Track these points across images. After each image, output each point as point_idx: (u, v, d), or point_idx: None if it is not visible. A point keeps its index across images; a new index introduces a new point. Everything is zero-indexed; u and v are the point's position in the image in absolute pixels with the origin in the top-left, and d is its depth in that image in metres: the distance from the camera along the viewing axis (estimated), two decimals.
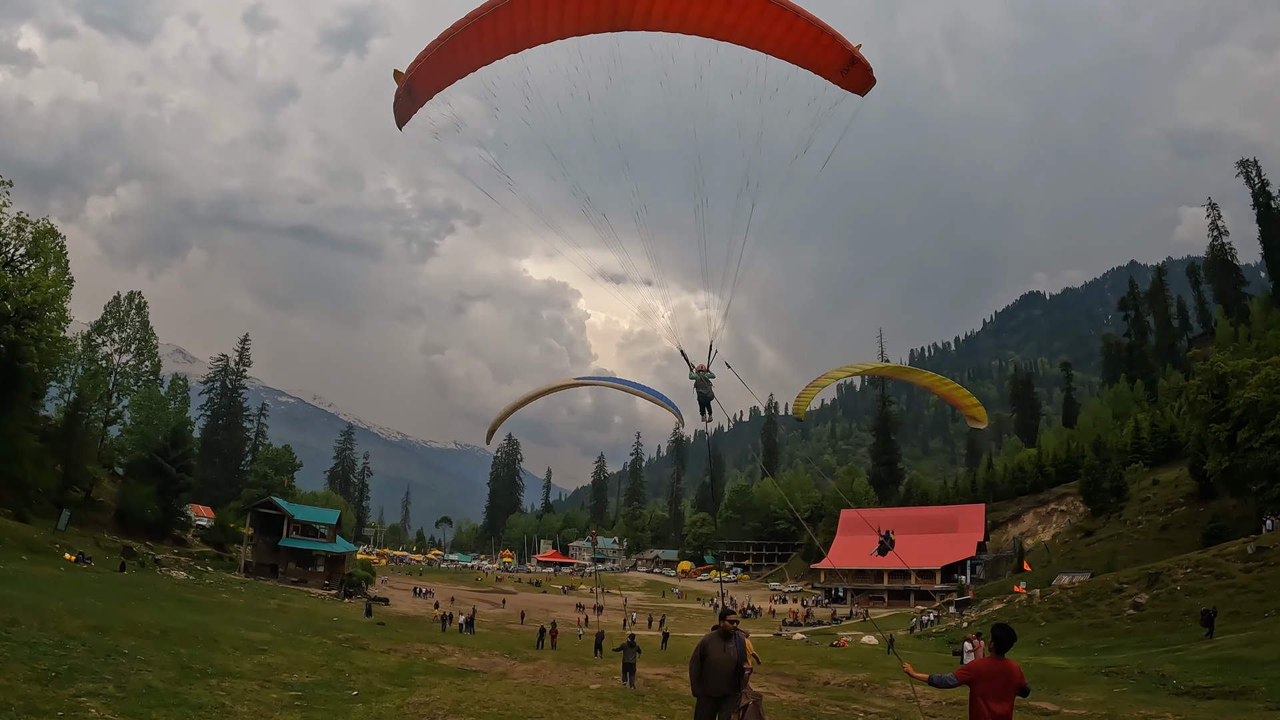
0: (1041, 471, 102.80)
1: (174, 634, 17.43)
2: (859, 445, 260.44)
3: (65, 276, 64.65)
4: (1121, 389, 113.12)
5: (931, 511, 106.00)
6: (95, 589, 28.58)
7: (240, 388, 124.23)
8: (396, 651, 25.15)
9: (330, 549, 76.49)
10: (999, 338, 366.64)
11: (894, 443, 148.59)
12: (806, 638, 61.05)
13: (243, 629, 22.14)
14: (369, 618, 48.63)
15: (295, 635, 24.13)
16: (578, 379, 29.56)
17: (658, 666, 29.16)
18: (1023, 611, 53.64)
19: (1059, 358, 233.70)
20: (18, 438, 52.20)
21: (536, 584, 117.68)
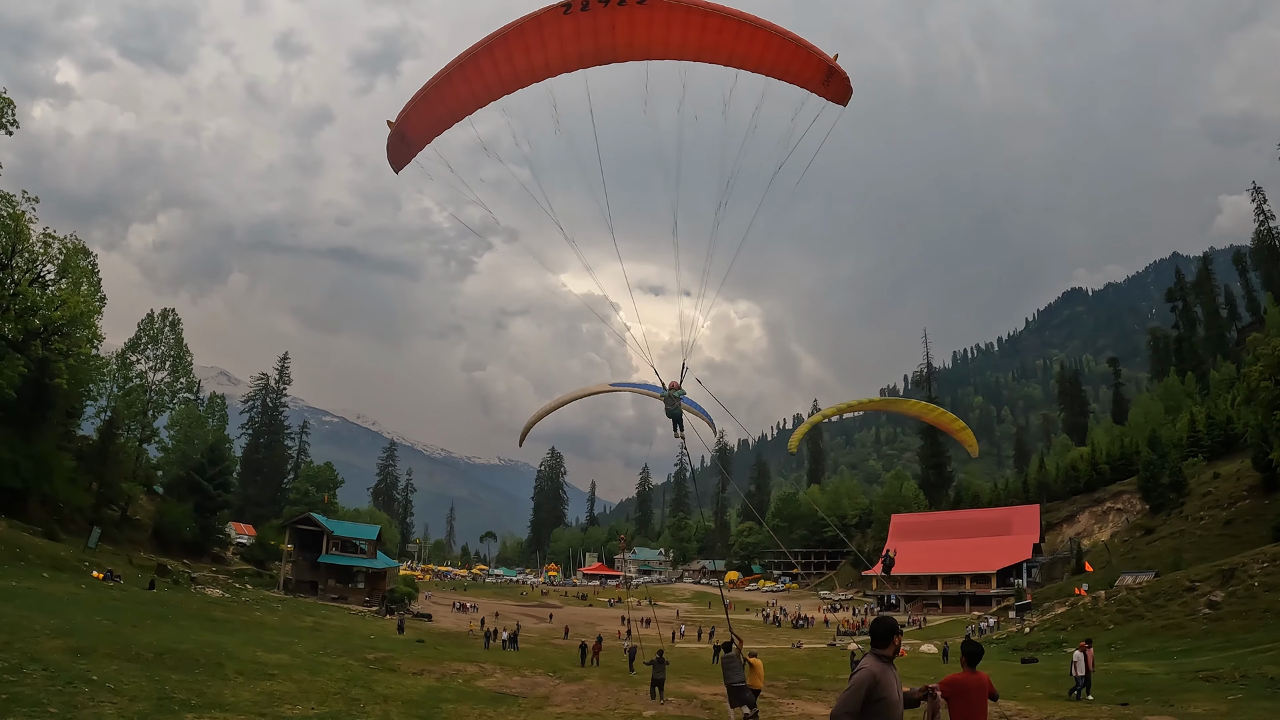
0: (1095, 469, 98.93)
1: (174, 657, 15.53)
2: (904, 449, 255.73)
3: (97, 295, 64.18)
4: (1172, 383, 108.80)
5: (984, 514, 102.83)
6: (111, 608, 26.94)
7: (281, 406, 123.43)
8: (430, 673, 23.12)
9: (370, 565, 74.94)
10: (1042, 336, 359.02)
11: (942, 445, 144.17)
12: (861, 647, 58.40)
13: (260, 650, 20.21)
14: (402, 634, 46.62)
15: (318, 657, 22.14)
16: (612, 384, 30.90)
17: (715, 684, 26.77)
18: (1088, 614, 50.52)
19: (1104, 354, 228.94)
20: (49, 456, 51.26)
21: (582, 597, 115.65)
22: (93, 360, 58.24)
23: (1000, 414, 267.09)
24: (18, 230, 48.69)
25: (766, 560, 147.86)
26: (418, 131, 13.67)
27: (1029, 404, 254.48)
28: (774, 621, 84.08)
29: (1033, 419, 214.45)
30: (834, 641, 64.66)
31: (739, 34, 12.41)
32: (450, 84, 12.95)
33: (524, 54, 12.72)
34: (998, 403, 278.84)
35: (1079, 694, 22.45)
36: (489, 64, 12.80)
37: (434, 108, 13.31)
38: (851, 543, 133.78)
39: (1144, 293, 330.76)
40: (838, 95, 13.05)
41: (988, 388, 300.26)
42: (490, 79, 13.01)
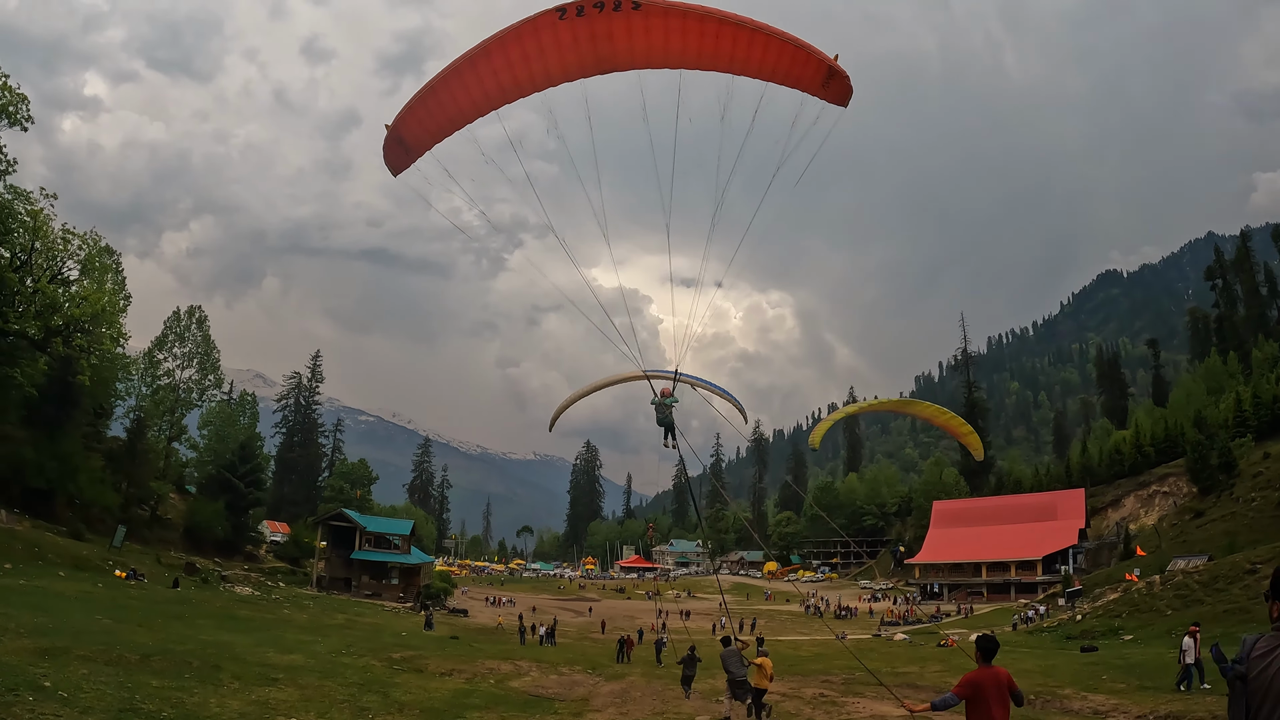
0: (1140, 452, 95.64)
1: (166, 659, 13.93)
2: (940, 437, 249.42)
3: (121, 293, 63.51)
4: (1213, 363, 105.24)
5: (1029, 499, 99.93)
6: (123, 606, 25.62)
7: (314, 404, 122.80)
8: (460, 673, 21.42)
9: (404, 560, 73.56)
10: (1078, 320, 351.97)
11: (982, 429, 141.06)
12: (909, 638, 56.68)
13: (273, 651, 18.58)
14: (430, 630, 45.26)
15: (338, 657, 20.48)
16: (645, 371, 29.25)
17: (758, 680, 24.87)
18: (1143, 600, 48.60)
19: (1140, 337, 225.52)
20: (75, 455, 50.47)
21: (620, 590, 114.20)
22: (119, 359, 57.38)
23: (1037, 399, 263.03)
24: (36, 227, 47.85)
25: (805, 550, 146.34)
26: (416, 138, 13.71)
27: (1066, 389, 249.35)
28: (815, 612, 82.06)
29: (1070, 404, 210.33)
30: (879, 632, 62.86)
31: (737, 39, 12.28)
32: (448, 90, 12.96)
33: (523, 62, 12.68)
34: (1034, 388, 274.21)
35: (1188, 684, 20.28)
36: (487, 72, 12.77)
37: (432, 114, 13.32)
38: (892, 530, 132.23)
39: (1180, 274, 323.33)
40: (838, 97, 12.83)
41: (1024, 373, 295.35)
42: (490, 86, 12.99)
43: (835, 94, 12.76)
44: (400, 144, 13.75)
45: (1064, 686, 21.55)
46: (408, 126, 13.47)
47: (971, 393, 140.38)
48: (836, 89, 12.67)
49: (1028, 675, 25.13)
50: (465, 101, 13.19)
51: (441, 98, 13.05)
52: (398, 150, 13.91)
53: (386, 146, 13.89)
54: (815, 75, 12.53)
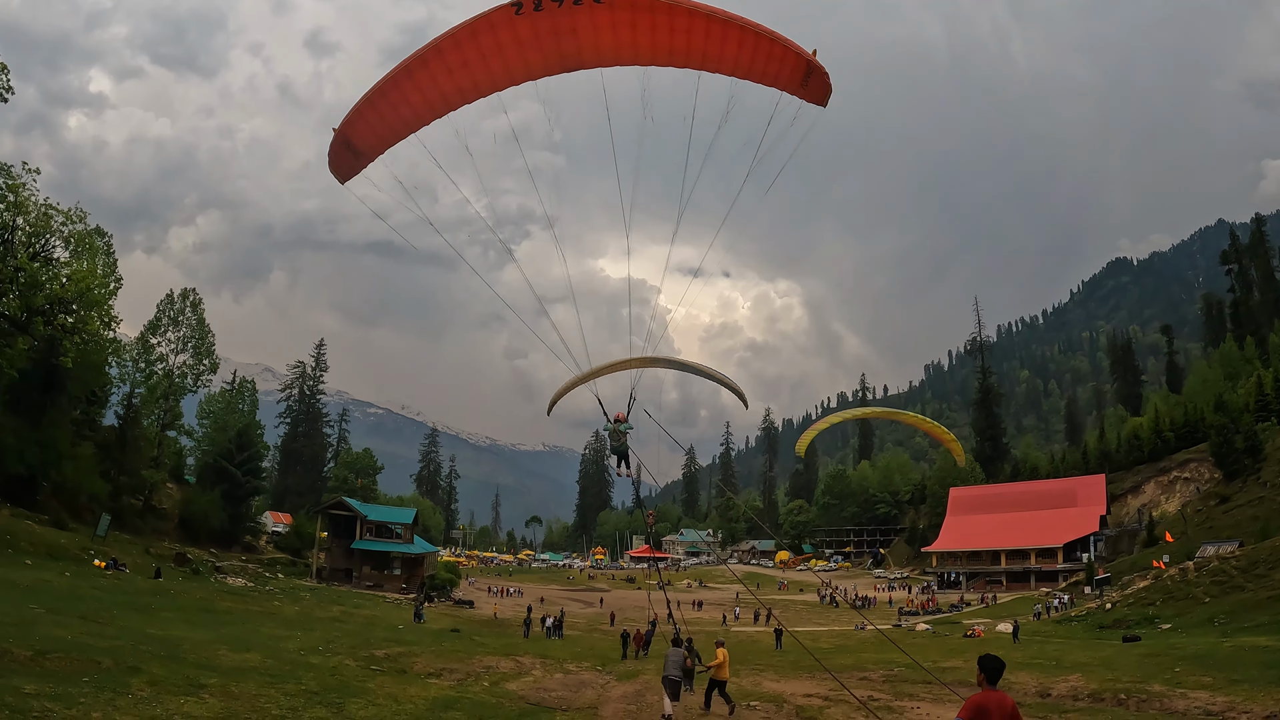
0: (1160, 438, 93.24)
1: (69, 657, 11.69)
2: (950, 425, 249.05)
3: (112, 275, 61.44)
4: (1229, 349, 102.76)
5: (1048, 485, 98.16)
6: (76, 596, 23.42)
7: (319, 393, 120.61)
8: (450, 673, 19.11)
9: (407, 550, 71.39)
10: (1088, 308, 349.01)
11: (997, 416, 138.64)
12: (931, 628, 55.25)
13: (227, 649, 16.19)
14: (419, 622, 43.03)
15: (308, 655, 18.10)
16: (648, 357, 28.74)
17: (792, 679, 22.32)
18: (1177, 587, 47.13)
19: (1151, 325, 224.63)
20: (58, 441, 48.04)
21: (630, 580, 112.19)
22: (109, 343, 55.17)
23: (1047, 388, 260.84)
24: (18, 203, 45.67)
25: (817, 539, 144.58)
26: (367, 142, 13.05)
27: (1076, 377, 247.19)
28: (831, 602, 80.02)
29: (1081, 392, 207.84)
30: (899, 622, 61.05)
31: (709, 32, 11.62)
32: (400, 92, 12.33)
33: (479, 60, 12.09)
34: (1044, 376, 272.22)
35: None
36: (441, 71, 12.14)
37: (384, 117, 12.69)
38: (906, 518, 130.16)
39: (1190, 261, 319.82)
40: (817, 96, 12.17)
41: (1034, 361, 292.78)
42: (445, 87, 12.40)
43: (815, 93, 12.10)
44: (348, 148, 13.10)
45: (1146, 682, 19.14)
46: (357, 130, 12.81)
47: (986, 377, 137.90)
48: (816, 87, 11.95)
49: (1087, 669, 22.77)
50: (419, 103, 12.57)
51: (393, 100, 12.41)
52: (345, 156, 13.27)
53: (333, 151, 13.21)
54: (793, 72, 11.86)
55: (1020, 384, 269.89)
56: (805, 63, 11.64)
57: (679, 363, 34.40)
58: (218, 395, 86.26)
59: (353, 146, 13.09)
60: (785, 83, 12.05)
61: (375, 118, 12.69)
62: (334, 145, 13.18)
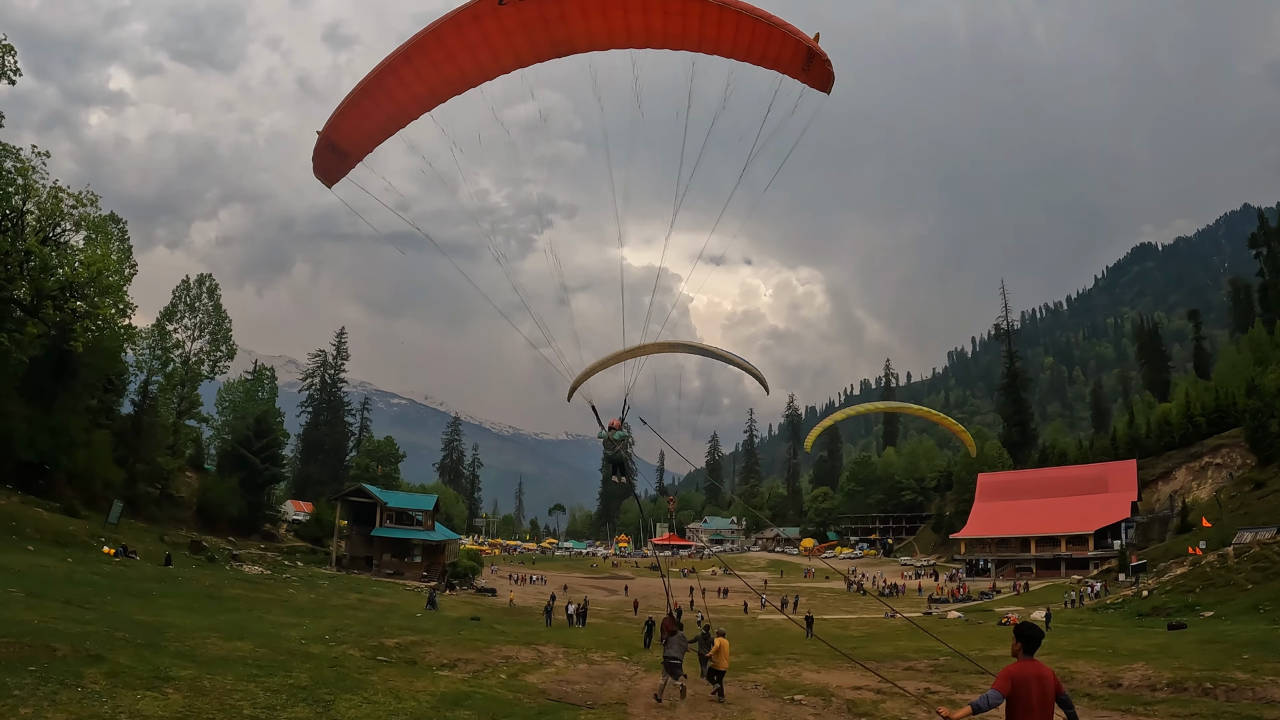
0: (1191, 422, 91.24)
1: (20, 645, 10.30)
2: (974, 413, 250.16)
3: (127, 263, 60.68)
4: (1258, 333, 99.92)
5: (1078, 471, 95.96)
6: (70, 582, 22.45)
7: (340, 382, 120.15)
8: (466, 664, 17.76)
9: (428, 537, 70.31)
10: (1112, 294, 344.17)
11: (1025, 401, 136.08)
12: (963, 615, 53.60)
13: (218, 636, 14.83)
14: (433, 609, 41.99)
15: (309, 645, 16.75)
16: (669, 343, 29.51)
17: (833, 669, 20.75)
18: (1216, 574, 45.96)
19: (1176, 311, 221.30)
20: (70, 428, 47.14)
21: (654, 568, 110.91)
22: (125, 330, 54.20)
23: (1072, 374, 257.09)
24: (26, 187, 44.65)
25: (842, 526, 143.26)
26: (354, 142, 12.85)
27: (1101, 364, 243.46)
28: (858, 590, 78.60)
29: (1106, 378, 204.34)
30: (930, 610, 60.07)
31: (705, 16, 11.33)
32: (384, 89, 12.17)
33: (466, 52, 11.89)
34: (1069, 363, 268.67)
35: None
36: (426, 65, 11.98)
37: (369, 115, 12.50)
38: (932, 505, 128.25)
39: (1215, 247, 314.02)
40: (820, 82, 11.68)
41: (1058, 347, 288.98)
42: (433, 80, 12.24)
43: (817, 78, 11.56)
44: (334, 150, 12.85)
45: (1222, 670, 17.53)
46: (342, 131, 12.58)
47: (1013, 362, 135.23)
48: (818, 73, 11.43)
49: (1149, 657, 21.19)
50: (406, 98, 12.35)
51: (377, 97, 12.21)
52: (331, 158, 13.01)
53: (318, 155, 12.93)
54: (793, 57, 11.40)
55: (1045, 371, 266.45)
56: (805, 49, 11.20)
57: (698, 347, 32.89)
58: (237, 383, 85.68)
59: (338, 148, 12.88)
60: (786, 67, 11.64)
61: (360, 116, 12.46)
62: (318, 148, 12.89)
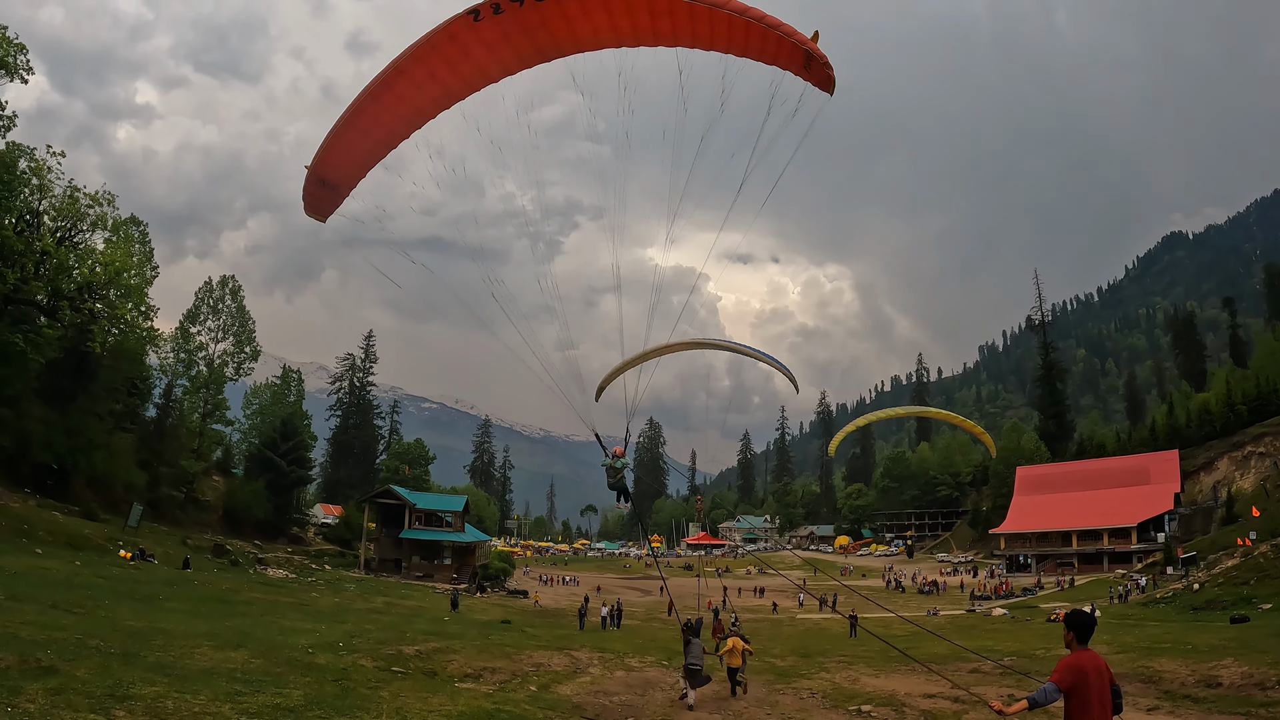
0: (1233, 411, 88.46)
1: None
2: (1006, 407, 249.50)
3: (149, 265, 59.98)
4: None
5: (1118, 463, 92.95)
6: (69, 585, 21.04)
7: (369, 385, 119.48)
8: (492, 674, 16.15)
9: (458, 539, 68.89)
10: (1143, 284, 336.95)
11: (1061, 392, 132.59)
12: (1009, 612, 51.44)
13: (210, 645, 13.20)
14: (456, 612, 40.66)
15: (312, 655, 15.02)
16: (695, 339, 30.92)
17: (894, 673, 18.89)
18: (1272, 565, 43.89)
19: (1209, 300, 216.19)
20: (88, 430, 46.07)
21: (688, 567, 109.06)
22: (147, 332, 53.31)
23: (1104, 367, 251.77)
24: (42, 186, 43.80)
25: (877, 524, 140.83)
26: (344, 172, 12.77)
27: (1134, 355, 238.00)
28: (896, 587, 76.72)
29: (1139, 370, 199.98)
30: (973, 607, 58.13)
31: (695, 15, 10.98)
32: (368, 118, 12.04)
33: (448, 69, 11.77)
34: (1101, 355, 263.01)
35: None
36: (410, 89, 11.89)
37: (355, 145, 12.44)
38: (968, 500, 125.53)
39: (1247, 234, 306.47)
40: (821, 82, 11.16)
41: (1089, 340, 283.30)
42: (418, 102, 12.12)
43: (818, 78, 11.07)
44: (323, 185, 12.76)
45: None
46: (330, 164, 12.48)
47: (1049, 353, 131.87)
48: (818, 73, 10.98)
49: (1231, 652, 19.13)
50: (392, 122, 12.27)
51: (362, 126, 12.11)
52: (321, 193, 12.90)
53: (308, 191, 12.79)
54: (791, 58, 11.04)
55: (1077, 363, 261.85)
56: (803, 52, 10.76)
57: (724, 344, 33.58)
58: (264, 386, 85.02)
59: (328, 181, 12.73)
60: (785, 64, 11.24)
61: (346, 148, 12.35)
62: (308, 185, 12.69)
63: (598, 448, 15.74)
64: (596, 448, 15.31)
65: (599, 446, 15.65)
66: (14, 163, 42.84)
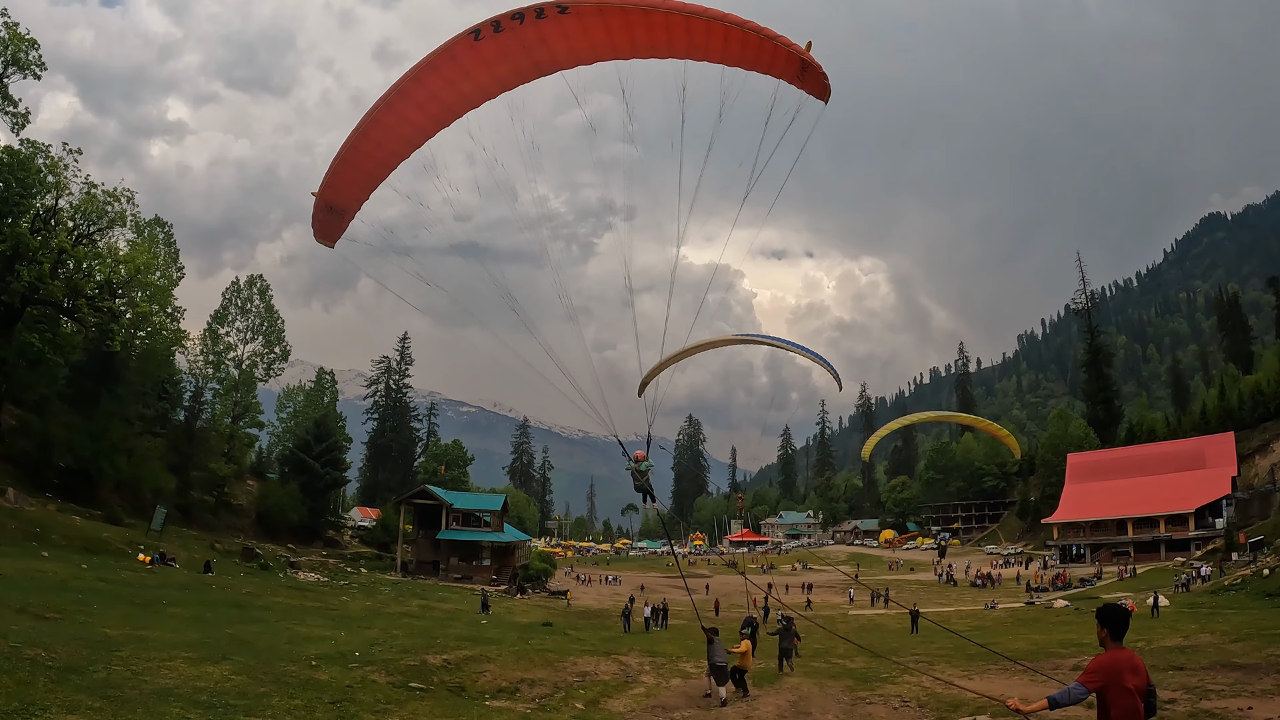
0: None
1: None
2: (1048, 396, 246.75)
3: (175, 265, 58.98)
4: None
5: (1172, 447, 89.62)
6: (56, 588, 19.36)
7: (405, 387, 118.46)
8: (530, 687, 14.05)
9: (496, 539, 66.79)
10: (1183, 267, 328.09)
11: (1109, 377, 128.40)
12: (1071, 604, 48.51)
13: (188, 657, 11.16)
14: (485, 613, 38.75)
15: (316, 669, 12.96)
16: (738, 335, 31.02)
17: (986, 676, 16.45)
18: None
19: (1250, 281, 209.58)
20: (111, 432, 44.58)
21: (732, 565, 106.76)
22: (172, 333, 52.02)
23: (1146, 353, 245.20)
24: (59, 184, 42.46)
25: (922, 516, 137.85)
26: (348, 196, 13.08)
27: (1175, 340, 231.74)
28: (948, 580, 74.02)
29: (1182, 355, 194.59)
30: (1032, 600, 55.29)
31: (691, 29, 11.14)
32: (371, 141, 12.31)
33: (448, 88, 12.04)
34: (1142, 341, 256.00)
35: None
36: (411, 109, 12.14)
37: (361, 167, 12.67)
38: (1015, 491, 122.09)
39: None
40: (816, 90, 11.30)
41: (1129, 325, 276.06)
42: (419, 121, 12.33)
43: (813, 86, 11.32)
44: (331, 210, 13.14)
45: None
46: (336, 189, 12.82)
47: (1094, 337, 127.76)
48: (813, 81, 11.21)
49: None
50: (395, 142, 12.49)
51: (365, 149, 12.41)
52: (329, 218, 13.29)
53: (317, 217, 13.18)
54: (785, 67, 11.18)
55: (1119, 350, 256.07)
56: (798, 60, 11.00)
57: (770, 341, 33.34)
58: (297, 389, 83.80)
59: (335, 207, 13.02)
60: (780, 73, 11.32)
61: (352, 172, 12.61)
62: (317, 210, 13.03)
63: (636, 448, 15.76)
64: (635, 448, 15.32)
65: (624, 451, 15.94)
66: (29, 160, 41.62)
